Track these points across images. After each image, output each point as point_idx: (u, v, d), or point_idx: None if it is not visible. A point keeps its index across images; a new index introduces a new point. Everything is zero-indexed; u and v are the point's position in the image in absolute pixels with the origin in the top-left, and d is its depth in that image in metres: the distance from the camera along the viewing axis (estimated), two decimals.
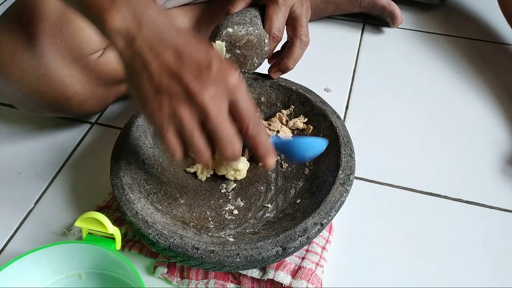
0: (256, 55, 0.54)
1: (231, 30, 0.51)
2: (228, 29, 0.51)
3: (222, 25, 0.52)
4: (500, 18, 0.76)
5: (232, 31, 0.51)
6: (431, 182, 0.58)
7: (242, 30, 0.51)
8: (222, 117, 0.38)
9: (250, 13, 0.54)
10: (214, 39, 0.51)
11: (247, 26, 0.52)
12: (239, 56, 0.53)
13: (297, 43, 0.56)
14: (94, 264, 0.46)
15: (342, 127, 0.54)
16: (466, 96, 0.69)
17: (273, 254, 0.43)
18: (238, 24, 0.51)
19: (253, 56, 0.54)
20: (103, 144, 0.63)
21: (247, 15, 0.54)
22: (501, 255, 0.50)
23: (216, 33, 0.51)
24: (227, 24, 0.51)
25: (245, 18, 0.53)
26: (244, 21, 0.52)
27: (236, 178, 0.54)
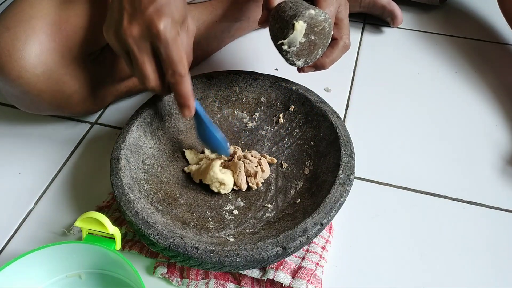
0: (323, 46, 0.52)
1: (313, 12, 0.48)
2: (311, 10, 0.48)
3: (302, 6, 0.48)
4: (500, 18, 0.76)
5: (315, 13, 0.48)
6: (431, 182, 0.58)
7: (322, 15, 0.49)
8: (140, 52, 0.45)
9: (302, 2, 0.51)
10: (296, 18, 0.47)
11: (324, 12, 0.49)
12: (311, 43, 0.50)
13: (340, 44, 0.55)
14: (94, 264, 0.46)
15: (342, 127, 0.54)
16: (466, 96, 0.69)
17: (273, 254, 0.43)
18: (316, 9, 0.48)
19: (320, 46, 0.51)
20: (103, 144, 0.63)
21: (302, 3, 0.50)
22: (501, 255, 0.50)
23: (297, 13, 0.48)
24: (306, 6, 0.48)
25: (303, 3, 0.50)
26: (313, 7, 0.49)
27: (220, 192, 0.53)
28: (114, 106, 0.68)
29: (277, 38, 0.50)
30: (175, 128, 0.58)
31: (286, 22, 0.49)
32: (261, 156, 0.56)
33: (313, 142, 0.56)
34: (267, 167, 0.55)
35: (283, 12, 0.49)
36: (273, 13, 0.51)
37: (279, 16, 0.50)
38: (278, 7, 0.51)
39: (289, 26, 0.48)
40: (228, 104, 0.61)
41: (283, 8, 0.50)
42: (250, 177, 0.54)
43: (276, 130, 0.59)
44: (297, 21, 0.47)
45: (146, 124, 0.55)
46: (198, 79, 0.59)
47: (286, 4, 0.50)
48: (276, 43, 0.51)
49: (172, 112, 0.58)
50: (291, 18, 0.48)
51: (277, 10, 0.51)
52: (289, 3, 0.50)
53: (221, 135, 0.53)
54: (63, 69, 0.54)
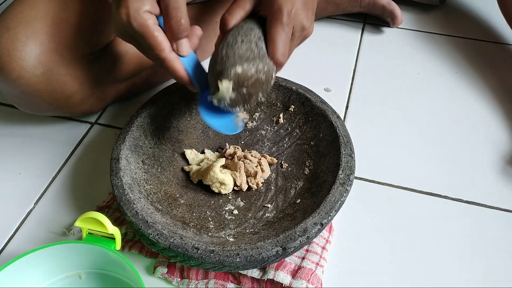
0: (262, 91, 0.48)
1: (240, 69, 0.45)
2: (237, 68, 0.45)
3: (229, 62, 0.45)
4: (500, 18, 0.76)
5: (241, 70, 0.45)
6: (431, 182, 0.58)
7: (252, 68, 0.45)
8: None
9: (253, 32, 0.47)
10: (220, 78, 0.45)
11: (256, 62, 0.46)
12: (245, 95, 0.47)
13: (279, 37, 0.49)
14: (94, 264, 0.46)
15: (342, 127, 0.54)
16: (466, 96, 0.69)
17: (273, 254, 0.43)
18: (247, 61, 0.45)
19: (258, 92, 0.48)
20: (103, 144, 0.63)
21: (251, 37, 0.47)
22: (501, 255, 0.50)
23: (222, 71, 0.45)
24: (235, 60, 0.45)
25: (251, 45, 0.46)
26: (251, 51, 0.46)
27: (220, 192, 0.53)
28: (114, 106, 0.68)
29: (211, 88, 0.48)
30: (175, 128, 0.58)
31: (213, 77, 0.47)
32: (261, 156, 0.56)
33: (313, 142, 0.56)
34: (267, 167, 0.55)
35: (216, 61, 0.47)
36: (217, 46, 0.49)
37: (213, 62, 0.47)
38: (223, 42, 0.47)
39: (215, 83, 0.46)
40: None
41: (220, 51, 0.47)
42: (250, 177, 0.54)
43: (276, 130, 0.59)
44: (221, 81, 0.45)
45: (146, 124, 0.55)
46: None
47: (227, 43, 0.47)
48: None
49: (172, 112, 0.58)
50: (217, 74, 0.46)
51: (218, 47, 0.48)
52: (231, 41, 0.47)
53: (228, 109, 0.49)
54: (63, 70, 0.54)
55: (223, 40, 0.48)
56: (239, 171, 0.53)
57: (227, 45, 0.46)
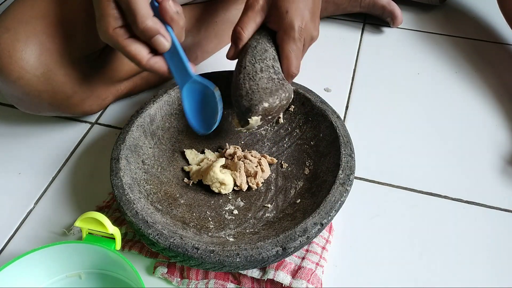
0: (283, 112, 0.54)
1: (267, 104, 0.48)
2: (264, 104, 0.48)
3: (255, 98, 0.48)
4: (500, 18, 0.76)
5: (268, 105, 0.48)
6: (431, 182, 0.58)
7: (277, 100, 0.49)
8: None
9: (268, 54, 0.51)
10: (250, 115, 0.48)
11: (279, 93, 0.49)
12: (270, 120, 0.51)
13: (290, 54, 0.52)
14: (94, 264, 0.46)
15: (342, 127, 0.54)
16: (466, 96, 0.69)
17: (273, 254, 0.43)
18: (271, 94, 0.48)
19: (280, 113, 0.52)
20: (103, 144, 0.63)
21: (268, 61, 0.50)
22: (501, 255, 0.50)
23: (250, 108, 0.48)
24: (261, 96, 0.48)
25: (270, 73, 0.49)
26: (273, 81, 0.49)
27: (220, 192, 0.53)
28: (114, 106, 0.68)
29: (237, 119, 0.51)
30: (175, 128, 0.58)
31: (241, 113, 0.49)
32: (261, 156, 0.56)
33: (313, 142, 0.56)
34: (267, 167, 0.55)
35: (241, 95, 0.49)
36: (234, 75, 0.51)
37: (238, 95, 0.49)
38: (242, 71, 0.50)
39: (244, 119, 0.49)
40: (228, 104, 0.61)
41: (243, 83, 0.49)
42: (250, 177, 0.54)
43: (276, 130, 0.59)
44: (251, 118, 0.49)
45: (146, 124, 0.55)
46: None
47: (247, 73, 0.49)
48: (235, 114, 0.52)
49: (172, 112, 0.58)
50: (246, 111, 0.49)
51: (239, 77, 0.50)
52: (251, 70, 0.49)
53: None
54: (63, 70, 0.54)
55: (241, 68, 0.50)
56: (239, 171, 0.53)
57: (248, 76, 0.49)
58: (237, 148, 0.57)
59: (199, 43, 0.70)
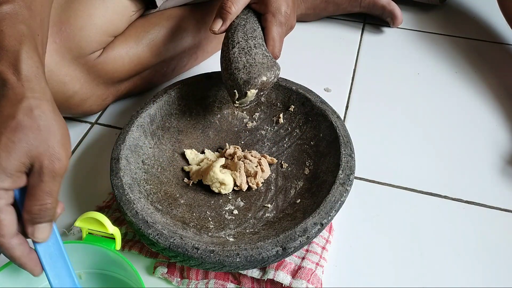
0: (269, 89, 0.54)
1: (265, 78, 0.49)
2: (263, 77, 0.49)
3: (254, 71, 0.49)
4: (500, 18, 0.76)
5: (266, 79, 0.49)
6: (431, 182, 0.58)
7: (272, 75, 0.50)
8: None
9: (257, 33, 0.53)
10: (249, 88, 0.49)
11: (274, 69, 0.50)
12: (260, 96, 0.52)
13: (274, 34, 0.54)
14: (94, 264, 0.46)
15: (342, 127, 0.54)
16: (466, 96, 0.69)
17: (273, 254, 0.43)
18: (269, 69, 0.50)
19: (268, 90, 0.53)
20: (103, 144, 0.63)
21: (259, 39, 0.52)
22: (501, 255, 0.50)
23: (249, 80, 0.49)
24: (259, 69, 0.49)
25: (263, 50, 0.51)
26: (267, 58, 0.51)
27: (220, 192, 0.53)
28: (114, 106, 0.68)
29: (229, 92, 0.52)
30: (175, 128, 0.58)
31: (238, 86, 0.50)
32: (261, 156, 0.56)
33: (313, 142, 0.56)
34: (267, 167, 0.55)
35: (238, 67, 0.49)
36: (224, 50, 0.52)
37: (231, 68, 0.50)
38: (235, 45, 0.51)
39: (241, 92, 0.50)
40: (228, 104, 0.61)
41: (238, 56, 0.50)
42: (250, 177, 0.54)
43: (276, 130, 0.59)
44: (250, 90, 0.49)
45: (146, 124, 0.55)
46: (198, 79, 0.59)
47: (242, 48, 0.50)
48: (227, 88, 0.52)
49: (172, 112, 0.58)
50: (244, 84, 0.49)
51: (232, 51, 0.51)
52: (244, 45, 0.51)
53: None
54: (63, 70, 0.54)
55: (234, 43, 0.51)
56: (239, 171, 0.53)
57: (243, 50, 0.51)
58: (237, 148, 0.57)
59: (199, 43, 0.70)
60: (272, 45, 0.53)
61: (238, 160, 0.54)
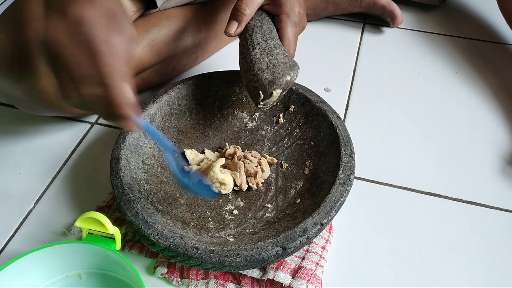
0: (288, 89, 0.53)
1: (289, 78, 0.50)
2: (287, 77, 0.49)
3: (278, 71, 0.49)
4: (500, 18, 0.76)
5: (290, 78, 0.50)
6: (431, 182, 0.58)
7: (295, 75, 0.50)
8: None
9: (273, 34, 0.53)
10: (274, 88, 0.49)
11: (295, 68, 0.51)
12: (283, 95, 0.51)
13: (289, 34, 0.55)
14: (94, 264, 0.46)
15: (342, 127, 0.54)
16: (466, 96, 0.69)
17: (273, 254, 0.43)
18: (291, 69, 0.50)
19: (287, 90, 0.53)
20: (103, 144, 0.63)
21: (276, 40, 0.52)
22: (501, 255, 0.50)
23: (274, 80, 0.49)
24: (282, 69, 0.49)
25: (282, 50, 0.51)
26: (288, 58, 0.51)
27: (220, 191, 0.53)
28: None
29: (252, 93, 0.51)
30: (175, 128, 0.58)
31: (263, 86, 0.49)
32: (261, 156, 0.56)
33: (313, 142, 0.56)
34: (267, 167, 0.55)
35: (260, 69, 0.50)
36: (245, 52, 0.52)
37: (254, 69, 0.50)
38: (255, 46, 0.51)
39: (266, 92, 0.50)
40: (228, 104, 0.61)
41: (260, 57, 0.50)
42: (250, 177, 0.54)
43: (276, 130, 0.59)
44: (275, 90, 0.49)
45: None
46: (198, 79, 0.59)
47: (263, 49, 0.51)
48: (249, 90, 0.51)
49: (172, 112, 0.58)
50: (269, 84, 0.49)
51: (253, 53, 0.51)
52: (265, 46, 0.51)
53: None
54: None
55: (254, 44, 0.52)
56: (239, 171, 0.53)
57: (264, 51, 0.51)
58: (237, 148, 0.57)
59: (199, 43, 0.70)
60: (288, 45, 0.54)
61: (238, 160, 0.54)
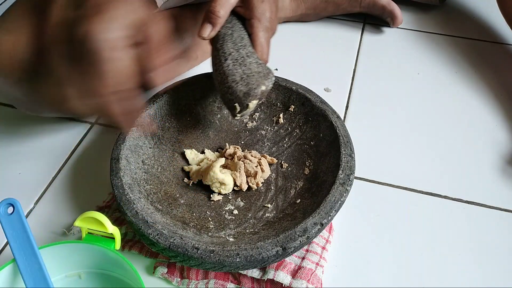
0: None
1: (264, 87, 0.48)
2: (262, 87, 0.48)
3: (252, 81, 0.48)
4: (500, 18, 0.76)
5: (265, 88, 0.49)
6: (431, 182, 0.58)
7: (270, 83, 0.49)
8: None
9: (245, 41, 0.52)
10: (249, 99, 0.48)
11: (270, 76, 0.49)
12: (259, 105, 0.51)
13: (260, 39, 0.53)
14: (94, 264, 0.46)
15: (342, 127, 0.54)
16: (466, 96, 0.69)
17: (273, 254, 0.43)
18: (265, 77, 0.49)
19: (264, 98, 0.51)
20: (103, 144, 0.63)
21: (249, 47, 0.51)
22: (501, 255, 0.50)
23: (249, 92, 0.48)
24: (257, 79, 0.48)
25: (255, 58, 0.50)
26: (261, 65, 0.50)
27: (220, 192, 0.53)
28: None
29: (228, 106, 0.50)
30: (175, 128, 0.58)
31: (239, 98, 0.48)
32: (261, 156, 0.56)
33: (313, 142, 0.56)
34: (267, 167, 0.55)
35: (234, 81, 0.48)
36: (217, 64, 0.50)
37: (227, 82, 0.48)
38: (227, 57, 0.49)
39: (242, 104, 0.48)
40: None
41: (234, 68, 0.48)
42: (250, 177, 0.54)
43: (276, 130, 0.59)
44: (251, 102, 0.48)
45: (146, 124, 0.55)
46: (198, 79, 0.59)
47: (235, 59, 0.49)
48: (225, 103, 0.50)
49: (172, 112, 0.58)
50: (244, 96, 0.48)
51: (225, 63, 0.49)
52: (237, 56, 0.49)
53: None
54: None
55: (226, 54, 0.50)
56: (239, 171, 0.53)
57: (236, 61, 0.49)
58: (237, 148, 0.57)
59: (199, 43, 0.70)
60: (261, 51, 0.53)
61: (238, 160, 0.54)
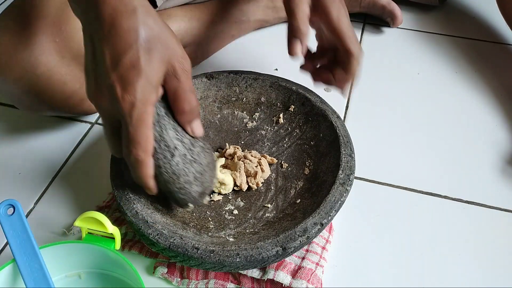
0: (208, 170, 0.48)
1: (215, 179, 0.50)
2: (214, 180, 0.48)
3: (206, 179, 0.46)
4: (500, 18, 0.76)
5: (218, 177, 0.52)
6: (431, 182, 0.58)
7: (220, 167, 0.52)
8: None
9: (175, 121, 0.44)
10: (204, 197, 0.47)
11: (215, 158, 0.49)
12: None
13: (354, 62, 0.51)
14: (94, 264, 0.46)
15: (342, 127, 0.54)
16: (466, 96, 0.69)
17: (273, 254, 0.43)
18: (214, 166, 0.48)
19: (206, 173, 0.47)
20: (103, 144, 0.63)
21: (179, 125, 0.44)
22: (501, 255, 0.50)
23: (205, 192, 0.47)
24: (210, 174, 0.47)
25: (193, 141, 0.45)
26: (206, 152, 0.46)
27: (220, 192, 0.53)
28: None
29: (179, 203, 0.47)
30: None
31: (193, 199, 0.46)
32: (261, 156, 0.56)
33: (313, 142, 0.56)
34: (267, 167, 0.55)
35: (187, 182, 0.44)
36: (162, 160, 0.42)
37: (179, 183, 0.44)
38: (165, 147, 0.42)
39: (197, 203, 0.47)
40: (228, 104, 0.61)
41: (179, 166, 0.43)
42: (250, 177, 0.54)
43: (276, 130, 0.59)
44: (205, 199, 0.48)
45: None
46: (198, 79, 0.59)
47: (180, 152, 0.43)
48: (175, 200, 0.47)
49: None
50: (200, 196, 0.46)
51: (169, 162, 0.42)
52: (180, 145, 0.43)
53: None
54: (63, 70, 0.54)
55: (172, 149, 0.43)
56: (239, 171, 0.53)
57: (185, 158, 0.44)
58: (237, 148, 0.57)
59: (199, 43, 0.70)
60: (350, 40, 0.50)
61: (238, 160, 0.54)
